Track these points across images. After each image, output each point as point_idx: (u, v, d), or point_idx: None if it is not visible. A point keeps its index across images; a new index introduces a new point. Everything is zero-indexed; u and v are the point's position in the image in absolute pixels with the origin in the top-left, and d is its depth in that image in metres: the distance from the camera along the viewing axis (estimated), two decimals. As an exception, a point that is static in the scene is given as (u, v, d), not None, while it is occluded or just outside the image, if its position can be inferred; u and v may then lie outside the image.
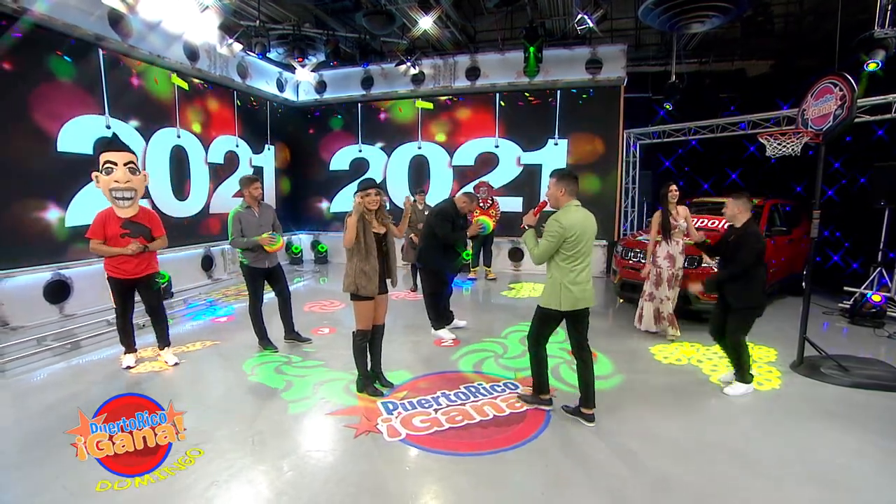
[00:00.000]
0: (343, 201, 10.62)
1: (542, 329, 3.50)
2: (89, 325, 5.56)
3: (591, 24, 6.97)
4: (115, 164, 4.21)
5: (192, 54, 7.61)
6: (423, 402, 3.72)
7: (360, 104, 10.41)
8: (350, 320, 3.89)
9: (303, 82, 10.37)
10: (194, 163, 8.01)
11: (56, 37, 5.80)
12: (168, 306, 5.04)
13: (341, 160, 10.68)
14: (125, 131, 6.64)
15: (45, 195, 5.81)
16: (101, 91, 6.37)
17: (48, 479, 2.72)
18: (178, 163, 7.67)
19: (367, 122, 10.45)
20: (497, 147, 9.63)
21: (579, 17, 6.95)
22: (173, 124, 7.58)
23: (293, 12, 8.35)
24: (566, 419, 3.45)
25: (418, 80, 9.60)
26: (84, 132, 6.14)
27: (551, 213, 3.34)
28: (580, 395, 3.45)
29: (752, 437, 3.26)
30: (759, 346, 4.90)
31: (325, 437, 3.28)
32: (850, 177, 8.73)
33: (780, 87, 9.00)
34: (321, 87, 10.40)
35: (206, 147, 8.28)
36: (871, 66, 5.63)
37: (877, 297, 5.91)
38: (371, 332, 3.82)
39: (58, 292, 5.89)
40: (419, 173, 10.11)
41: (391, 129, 10.29)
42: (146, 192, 5.82)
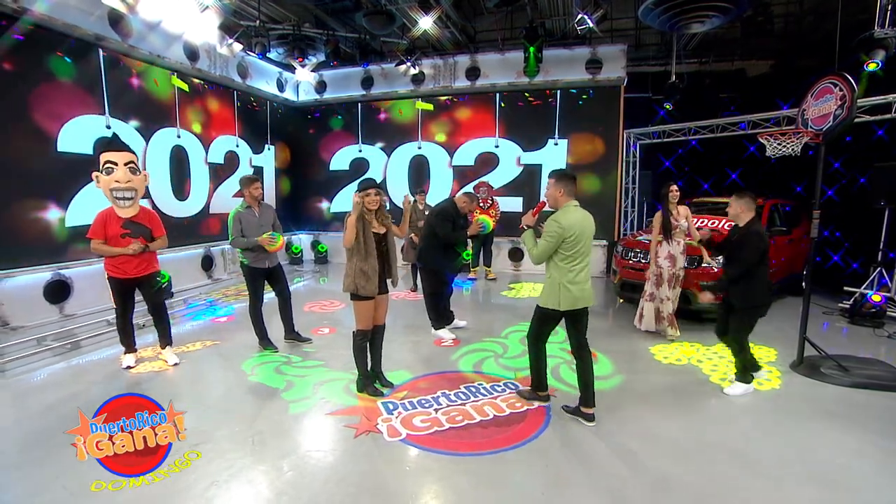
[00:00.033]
0: (343, 201, 10.62)
1: (541, 328, 3.54)
2: (89, 325, 5.56)
3: (591, 24, 6.97)
4: (116, 164, 4.21)
5: (192, 54, 7.61)
6: (424, 401, 3.72)
7: (360, 104, 10.41)
8: (350, 320, 3.89)
9: (303, 82, 10.36)
10: (194, 163, 8.01)
11: (56, 37, 5.80)
12: (168, 306, 5.06)
13: (341, 160, 10.68)
14: (125, 131, 6.64)
15: (46, 195, 5.81)
16: (101, 91, 6.37)
17: (48, 479, 2.73)
18: (179, 163, 7.67)
19: (367, 122, 10.45)
20: (497, 147, 9.63)
21: (579, 17, 6.95)
22: (173, 124, 7.58)
23: (293, 12, 8.35)
24: (566, 419, 3.46)
25: (418, 80, 9.60)
26: (84, 132, 6.14)
27: (550, 213, 3.35)
28: (580, 395, 3.46)
29: (752, 437, 3.26)
30: (760, 346, 4.89)
31: (325, 437, 3.28)
32: (849, 177, 8.74)
33: (780, 87, 9.00)
34: (321, 87, 10.39)
35: (207, 147, 8.28)
36: (871, 66, 5.64)
37: (877, 297, 5.91)
38: (371, 332, 3.82)
39: (58, 292, 5.89)
40: (419, 173, 10.11)
41: (391, 129, 10.29)
42: (146, 192, 5.83)
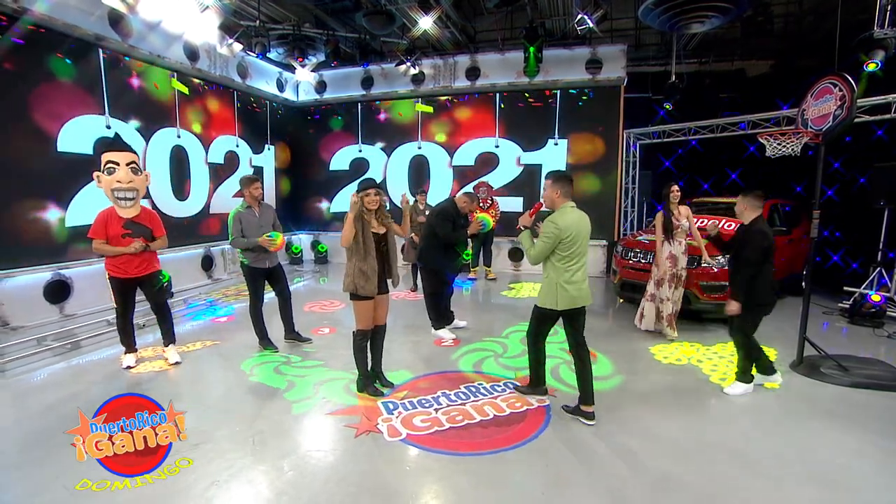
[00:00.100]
0: (343, 201, 10.61)
1: (539, 327, 3.59)
2: (89, 325, 5.56)
3: (591, 24, 6.97)
4: (118, 164, 4.21)
5: (192, 54, 7.61)
6: (424, 401, 3.72)
7: (360, 104, 10.41)
8: (350, 320, 3.89)
9: (303, 82, 10.36)
10: (194, 163, 8.01)
11: (56, 37, 5.80)
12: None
13: (341, 160, 10.68)
14: (125, 131, 6.64)
15: (46, 195, 5.81)
16: (101, 91, 6.37)
17: (48, 479, 2.72)
18: (179, 163, 7.67)
19: (367, 122, 10.44)
20: (497, 147, 9.63)
21: (579, 17, 6.95)
22: (173, 124, 7.58)
23: (293, 12, 8.35)
24: (566, 419, 3.46)
25: (418, 80, 9.60)
26: (84, 132, 6.14)
27: (548, 214, 3.39)
28: (579, 394, 3.46)
29: (752, 437, 3.26)
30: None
31: (325, 436, 3.28)
32: (849, 177, 8.74)
33: (780, 87, 9.01)
34: (321, 87, 10.39)
35: (207, 147, 8.28)
36: (871, 66, 5.65)
37: (876, 297, 5.92)
38: (371, 331, 3.81)
39: (58, 292, 5.89)
40: (419, 173, 10.11)
41: (391, 129, 10.29)
42: (146, 192, 5.83)
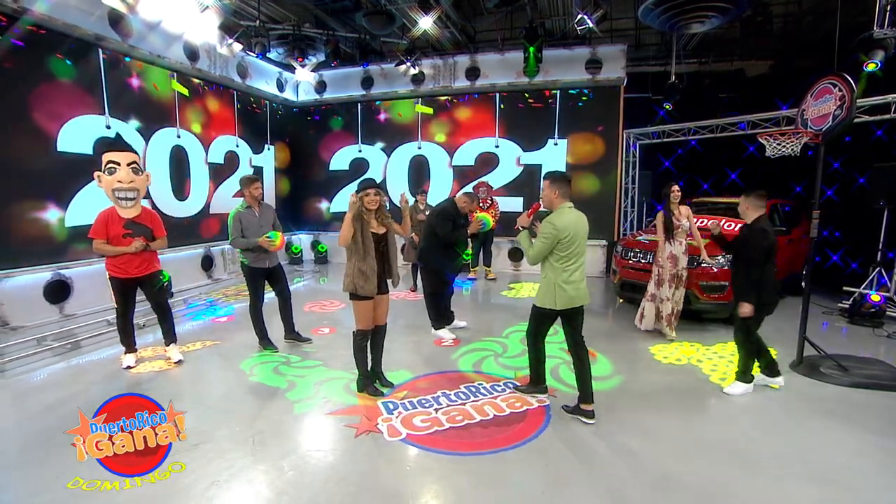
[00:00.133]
0: (343, 201, 10.60)
1: (538, 327, 3.61)
2: (89, 325, 5.56)
3: (590, 25, 6.97)
4: (119, 165, 4.21)
5: (192, 54, 7.61)
6: (424, 401, 3.72)
7: (359, 104, 10.41)
8: (350, 320, 3.89)
9: (303, 82, 10.36)
10: (194, 163, 8.01)
11: (56, 37, 5.80)
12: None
13: (341, 160, 10.67)
14: (125, 131, 6.65)
15: (45, 195, 5.81)
16: (101, 91, 6.37)
17: (48, 479, 2.72)
18: (178, 163, 7.67)
19: (366, 123, 10.44)
20: (497, 147, 9.63)
21: (579, 17, 6.95)
22: (173, 124, 7.58)
23: (293, 12, 8.35)
24: (566, 419, 3.46)
25: (418, 80, 9.60)
26: (84, 132, 6.14)
27: (546, 214, 3.41)
28: (578, 393, 3.47)
29: (752, 436, 3.26)
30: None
31: (325, 436, 3.28)
32: (849, 177, 8.74)
33: (780, 88, 9.00)
34: (321, 87, 10.39)
35: (206, 147, 8.28)
36: (871, 66, 5.64)
37: (876, 297, 5.92)
38: (371, 331, 3.82)
39: (58, 292, 5.89)
40: (419, 173, 10.11)
41: (391, 130, 10.29)
42: (146, 192, 5.84)
